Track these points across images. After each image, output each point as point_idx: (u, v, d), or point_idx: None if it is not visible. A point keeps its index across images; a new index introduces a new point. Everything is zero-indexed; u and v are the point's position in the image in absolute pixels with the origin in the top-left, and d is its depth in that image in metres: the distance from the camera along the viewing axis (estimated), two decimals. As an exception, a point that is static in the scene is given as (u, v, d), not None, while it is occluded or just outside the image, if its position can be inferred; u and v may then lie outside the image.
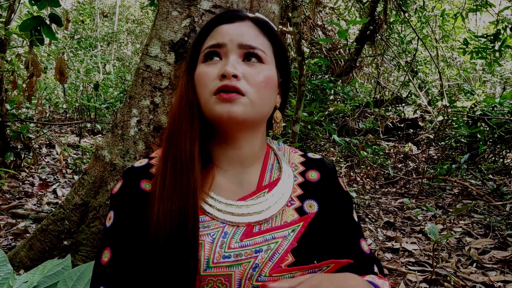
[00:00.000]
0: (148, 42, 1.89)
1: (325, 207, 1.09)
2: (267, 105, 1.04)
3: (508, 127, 5.52)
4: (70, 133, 6.52)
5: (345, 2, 8.56)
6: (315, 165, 1.17)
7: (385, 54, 7.84)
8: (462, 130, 6.13)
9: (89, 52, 10.71)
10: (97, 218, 1.78)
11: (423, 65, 8.35)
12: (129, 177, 1.08)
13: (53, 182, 3.75)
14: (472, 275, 2.48)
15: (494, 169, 5.43)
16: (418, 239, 3.09)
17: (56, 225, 1.82)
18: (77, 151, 5.19)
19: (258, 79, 0.99)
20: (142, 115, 1.83)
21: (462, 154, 6.18)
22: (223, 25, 1.04)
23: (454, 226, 3.36)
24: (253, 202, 1.03)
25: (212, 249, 0.96)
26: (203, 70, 1.01)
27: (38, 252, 1.79)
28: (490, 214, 3.64)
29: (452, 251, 2.87)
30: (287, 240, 0.99)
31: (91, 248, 1.75)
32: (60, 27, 3.74)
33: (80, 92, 7.23)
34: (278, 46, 1.09)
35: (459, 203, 4.13)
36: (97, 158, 1.87)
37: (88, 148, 4.22)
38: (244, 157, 1.09)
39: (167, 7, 1.86)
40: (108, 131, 6.12)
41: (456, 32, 8.71)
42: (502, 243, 2.95)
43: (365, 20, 5.49)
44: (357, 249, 1.08)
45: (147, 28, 17.00)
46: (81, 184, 1.87)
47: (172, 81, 1.84)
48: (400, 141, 7.25)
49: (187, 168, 0.98)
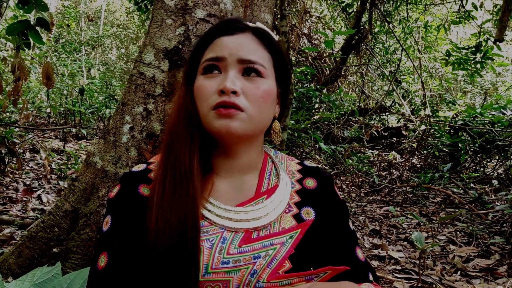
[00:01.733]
0: (142, 49, 1.89)
1: (322, 215, 1.10)
2: (265, 118, 1.05)
3: (488, 137, 5.64)
4: (54, 138, 6.44)
5: (331, 12, 8.67)
6: (312, 173, 1.19)
7: (370, 63, 7.95)
8: (444, 140, 6.24)
9: (73, 56, 10.59)
10: (88, 225, 1.77)
11: (406, 75, 8.49)
12: (127, 181, 1.08)
13: (37, 188, 3.69)
14: (457, 283, 2.52)
15: (476, 178, 5.53)
16: (404, 247, 3.13)
17: (45, 232, 1.80)
18: (61, 156, 5.13)
19: (257, 94, 1.00)
20: (135, 122, 1.83)
21: (444, 163, 6.28)
22: (223, 37, 1.04)
23: (438, 234, 3.41)
24: (252, 208, 1.04)
25: (211, 254, 0.96)
26: (202, 84, 1.02)
27: (27, 259, 1.77)
28: (472, 222, 3.71)
29: (436, 259, 2.91)
30: (285, 247, 1.01)
31: (81, 256, 1.74)
32: (48, 31, 3.72)
33: (65, 96, 7.15)
34: (278, 57, 1.09)
35: (442, 211, 4.20)
36: (88, 164, 1.87)
37: (73, 153, 4.17)
38: (243, 166, 1.10)
39: (162, 15, 1.87)
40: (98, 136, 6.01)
41: (439, 44, 8.89)
42: (485, 251, 3.01)
43: (352, 31, 5.57)
44: (353, 257, 1.10)
45: (133, 33, 16.91)
46: (71, 190, 1.86)
47: (165, 88, 1.85)
48: (384, 150, 7.34)
49: (187, 178, 0.99)
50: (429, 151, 6.74)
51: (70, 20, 10.88)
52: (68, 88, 6.94)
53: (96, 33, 15.38)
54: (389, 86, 7.60)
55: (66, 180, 3.89)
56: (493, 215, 3.80)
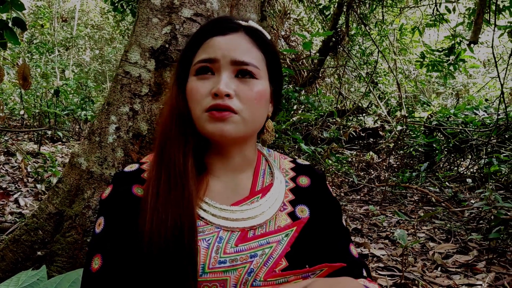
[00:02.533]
0: (128, 48, 1.87)
1: (316, 212, 1.11)
2: (259, 119, 1.05)
3: (462, 137, 5.79)
4: (28, 141, 6.28)
5: (308, 14, 8.75)
6: (305, 171, 1.20)
7: (347, 65, 8.05)
8: (420, 140, 6.37)
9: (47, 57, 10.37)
10: (73, 228, 1.73)
11: (382, 77, 8.63)
12: (120, 181, 1.06)
13: (14, 191, 3.60)
14: (438, 279, 2.57)
15: (450, 177, 5.66)
16: (385, 245, 3.18)
17: (29, 235, 1.76)
18: (36, 159, 5.01)
19: (251, 96, 0.99)
20: (121, 122, 1.81)
21: (419, 163, 6.41)
22: (216, 37, 1.02)
23: (417, 231, 3.48)
24: (247, 207, 1.04)
25: (208, 254, 0.96)
26: (195, 86, 1.00)
27: (11, 263, 1.73)
28: (450, 220, 3.80)
29: (417, 256, 2.97)
30: (281, 245, 1.01)
31: (66, 259, 1.70)
32: (24, 31, 3.63)
33: (40, 98, 6.99)
34: (271, 56, 1.08)
35: (420, 209, 4.28)
36: (73, 165, 1.83)
37: (50, 156, 4.08)
38: (237, 165, 1.10)
39: (147, 13, 1.86)
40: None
41: (414, 46, 9.07)
42: (464, 247, 3.09)
43: (330, 33, 5.62)
44: (347, 253, 1.11)
45: (107, 34, 16.67)
46: (55, 192, 1.82)
47: (152, 88, 1.83)
48: (361, 150, 7.44)
49: (182, 179, 0.98)
50: (405, 151, 6.87)
51: (44, 20, 10.64)
52: (43, 90, 6.78)
53: (70, 33, 15.09)
54: (366, 88, 7.70)
55: (43, 183, 3.80)
56: (469, 213, 3.90)
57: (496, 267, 2.73)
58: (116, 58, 16.22)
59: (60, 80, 9.17)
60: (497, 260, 2.82)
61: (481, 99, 8.62)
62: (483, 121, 5.86)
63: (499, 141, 5.32)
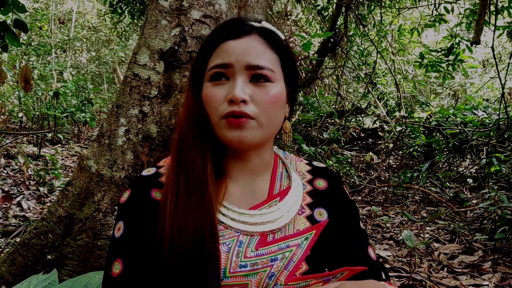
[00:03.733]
0: (137, 51, 1.86)
1: (334, 215, 1.11)
2: (276, 123, 1.03)
3: (461, 137, 5.80)
4: (27, 143, 6.26)
5: (306, 16, 8.75)
6: (322, 173, 1.19)
7: (345, 66, 8.06)
8: (419, 140, 6.38)
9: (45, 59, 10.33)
10: (83, 231, 1.73)
11: (381, 77, 8.65)
12: (138, 186, 1.06)
13: (16, 194, 3.58)
14: (444, 280, 2.58)
15: (450, 177, 5.68)
16: (390, 246, 3.18)
17: (39, 239, 1.74)
18: (37, 162, 4.99)
19: (267, 101, 0.98)
20: (130, 125, 1.80)
21: (419, 163, 6.43)
22: (229, 41, 1.00)
23: (421, 232, 3.48)
24: (266, 211, 1.04)
25: (229, 258, 0.96)
26: (211, 92, 0.99)
27: (21, 267, 1.71)
28: (453, 220, 3.81)
29: (423, 257, 2.97)
30: (301, 248, 1.01)
31: (77, 262, 1.69)
32: (26, 33, 3.62)
33: (39, 100, 6.97)
34: (286, 56, 1.06)
35: (423, 210, 4.29)
36: (82, 168, 1.82)
37: (53, 158, 4.06)
38: (255, 168, 1.09)
39: (156, 15, 1.85)
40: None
41: (413, 47, 9.09)
42: (468, 248, 3.09)
43: (329, 34, 5.62)
44: (366, 256, 1.11)
45: (104, 35, 16.63)
46: (64, 195, 1.81)
47: (161, 90, 1.83)
48: (361, 151, 7.45)
49: (201, 184, 0.97)
50: (404, 151, 6.88)
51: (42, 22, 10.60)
52: (42, 92, 6.75)
53: (67, 35, 15.05)
54: (364, 88, 7.72)
55: (45, 185, 3.78)
56: (473, 213, 3.90)
57: (502, 267, 2.74)
58: (113, 60, 16.19)
59: (58, 82, 9.15)
60: (502, 260, 2.83)
61: (480, 99, 8.65)
62: (483, 121, 5.88)
63: (499, 141, 5.33)
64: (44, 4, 14.77)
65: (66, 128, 7.30)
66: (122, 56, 16.20)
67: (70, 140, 6.91)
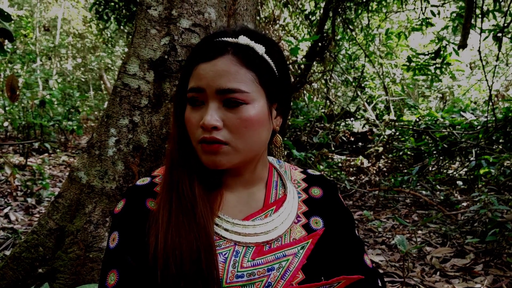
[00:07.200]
0: (126, 60, 1.84)
1: (330, 223, 1.11)
2: (255, 144, 1.00)
3: (450, 140, 5.85)
4: (13, 153, 6.17)
5: (294, 20, 8.78)
6: (317, 181, 1.19)
7: (334, 70, 8.09)
8: (409, 143, 6.42)
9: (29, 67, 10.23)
10: (75, 243, 1.70)
11: (370, 81, 8.70)
12: (133, 195, 1.05)
13: (4, 206, 3.51)
14: (437, 283, 2.58)
15: (440, 180, 5.71)
16: (382, 250, 3.18)
17: (29, 252, 1.71)
18: (24, 172, 4.91)
19: (240, 124, 0.95)
20: (120, 135, 1.78)
21: (409, 166, 6.46)
22: (202, 64, 0.97)
23: (413, 236, 3.49)
24: (260, 222, 1.03)
25: (225, 269, 0.95)
26: (188, 116, 0.99)
27: (11, 282, 1.68)
28: (444, 223, 3.82)
29: (415, 261, 2.98)
30: (297, 258, 1.01)
31: (69, 275, 1.66)
32: (11, 42, 3.57)
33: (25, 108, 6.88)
34: (265, 71, 1.00)
35: (414, 213, 4.30)
36: (72, 180, 1.79)
37: (40, 168, 4.00)
38: (248, 181, 1.08)
39: (145, 25, 1.83)
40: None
41: (400, 50, 9.16)
42: (460, 251, 3.10)
43: (316, 37, 5.66)
44: (362, 264, 1.11)
45: (89, 42, 16.52)
46: (55, 207, 1.78)
47: (151, 99, 1.81)
48: (351, 155, 7.47)
49: (192, 204, 0.97)
50: (394, 154, 6.92)
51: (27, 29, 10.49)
52: (28, 101, 6.67)
53: (52, 42, 14.92)
54: (353, 92, 7.76)
55: (33, 196, 3.72)
56: (464, 216, 3.93)
57: (494, 269, 2.75)
58: (99, 66, 16.08)
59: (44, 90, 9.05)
60: (494, 263, 2.84)
61: (468, 102, 8.74)
62: (471, 123, 5.93)
63: (487, 143, 5.38)
64: (29, 11, 14.64)
65: (53, 136, 7.21)
66: (108, 63, 16.12)
67: (57, 149, 6.83)
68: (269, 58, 1.02)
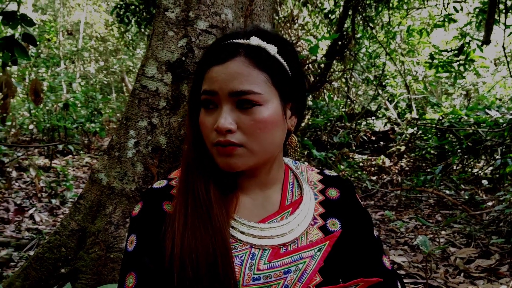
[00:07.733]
0: (144, 63, 1.86)
1: (347, 225, 1.09)
2: (270, 145, 0.99)
3: (475, 138, 5.72)
4: (38, 155, 6.30)
5: (313, 19, 8.74)
6: (334, 182, 1.17)
7: (354, 69, 8.02)
8: (432, 142, 6.31)
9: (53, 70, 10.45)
10: (96, 244, 1.72)
11: (391, 79, 8.59)
12: (150, 198, 1.06)
13: (29, 207, 3.60)
14: (462, 285, 2.53)
15: (465, 179, 5.60)
16: (405, 251, 3.13)
17: (52, 253, 1.74)
18: (48, 174, 5.02)
19: (254, 126, 0.94)
20: (139, 137, 1.80)
21: (432, 165, 6.35)
22: (214, 67, 0.97)
23: (436, 237, 3.43)
24: (276, 224, 1.02)
25: (241, 271, 0.95)
26: (203, 120, 0.99)
27: (34, 282, 1.71)
28: (469, 223, 3.74)
29: (438, 262, 2.92)
30: (314, 260, 0.99)
31: (91, 276, 1.69)
32: (35, 46, 3.65)
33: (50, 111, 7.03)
34: (278, 71, 0.99)
35: (437, 213, 4.23)
36: (93, 181, 1.82)
37: (64, 170, 4.08)
38: (263, 183, 1.08)
39: (163, 27, 1.85)
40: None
41: (422, 47, 9.02)
42: (485, 252, 3.03)
43: (335, 36, 5.61)
44: (381, 266, 1.09)
45: (111, 45, 16.78)
46: (76, 209, 1.81)
47: (170, 101, 1.82)
48: (372, 154, 7.39)
49: (207, 208, 0.97)
50: (416, 153, 6.81)
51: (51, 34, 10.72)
52: (52, 104, 6.82)
53: (75, 46, 15.20)
54: (374, 91, 7.67)
55: (57, 197, 3.80)
56: (489, 216, 3.83)
57: (520, 270, 2.68)
58: (121, 69, 16.32)
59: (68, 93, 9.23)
60: (520, 264, 2.77)
61: (493, 99, 8.54)
62: (496, 121, 5.78)
63: (513, 140, 5.25)
64: (52, 16, 14.95)
65: (76, 139, 7.35)
66: (129, 65, 16.34)
67: (81, 150, 6.95)
68: (282, 58, 1.01)
